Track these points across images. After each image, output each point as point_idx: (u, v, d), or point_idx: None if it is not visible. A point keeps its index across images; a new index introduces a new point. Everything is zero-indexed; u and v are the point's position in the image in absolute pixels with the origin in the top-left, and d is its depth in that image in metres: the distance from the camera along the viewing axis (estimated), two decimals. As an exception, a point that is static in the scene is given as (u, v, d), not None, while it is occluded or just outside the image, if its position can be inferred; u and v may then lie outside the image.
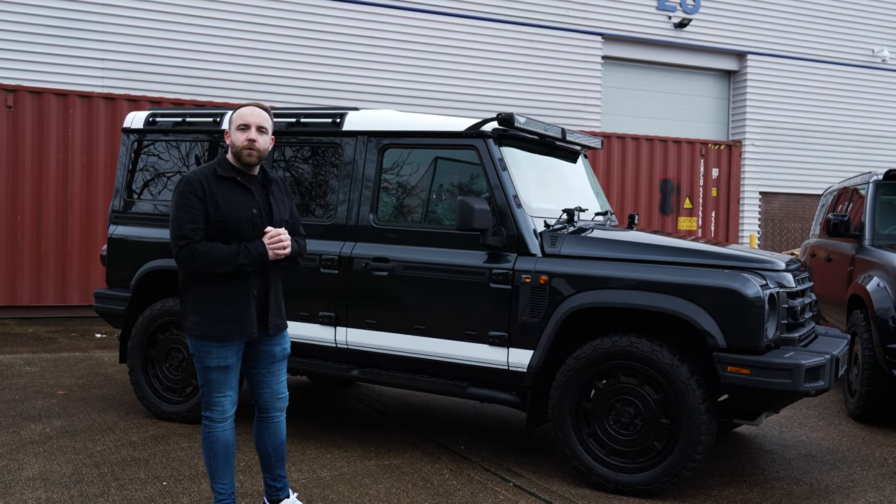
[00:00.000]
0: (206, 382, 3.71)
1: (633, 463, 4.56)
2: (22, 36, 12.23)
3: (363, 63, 14.35)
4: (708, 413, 4.39)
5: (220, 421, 3.74)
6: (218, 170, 3.70)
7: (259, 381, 3.86)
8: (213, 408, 3.73)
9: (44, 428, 5.61)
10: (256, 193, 3.75)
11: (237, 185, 3.70)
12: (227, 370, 3.69)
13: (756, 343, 4.32)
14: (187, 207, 3.60)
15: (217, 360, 3.67)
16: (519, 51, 15.64)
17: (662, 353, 4.44)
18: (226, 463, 3.77)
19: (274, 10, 13.75)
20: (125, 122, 6.37)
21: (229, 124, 3.74)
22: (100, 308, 6.30)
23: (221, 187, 3.66)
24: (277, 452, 3.93)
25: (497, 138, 5.10)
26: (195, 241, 3.59)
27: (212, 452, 3.75)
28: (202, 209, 3.60)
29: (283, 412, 3.93)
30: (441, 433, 5.79)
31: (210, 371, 3.68)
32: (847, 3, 18.72)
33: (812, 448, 5.73)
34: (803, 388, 4.27)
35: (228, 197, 3.66)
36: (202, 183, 3.63)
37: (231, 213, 3.64)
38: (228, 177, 3.69)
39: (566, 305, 4.68)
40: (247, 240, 3.64)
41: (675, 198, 14.90)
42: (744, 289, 4.32)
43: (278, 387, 3.89)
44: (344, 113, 5.57)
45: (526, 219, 4.93)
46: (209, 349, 3.65)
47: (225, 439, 3.76)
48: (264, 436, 3.91)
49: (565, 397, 4.69)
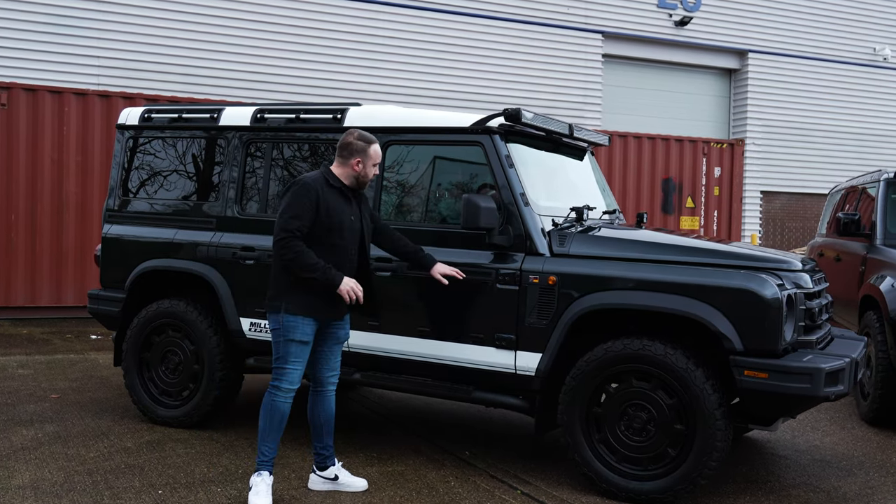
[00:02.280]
0: (284, 354, 4.27)
1: (645, 470, 4.40)
2: (16, 33, 12.06)
3: (362, 61, 14.20)
4: (724, 419, 4.23)
5: (286, 391, 4.29)
6: (329, 179, 4.32)
7: (320, 359, 4.47)
8: (284, 378, 4.28)
9: (36, 433, 5.44)
10: (354, 203, 4.44)
11: (341, 194, 4.35)
12: (307, 345, 4.30)
13: (774, 346, 4.16)
14: (299, 205, 4.18)
15: (301, 335, 4.25)
16: (519, 49, 15.49)
17: (676, 356, 4.28)
18: (278, 430, 4.32)
19: (272, 8, 13.59)
20: (120, 119, 6.20)
21: (365, 157, 4.35)
22: (94, 309, 6.13)
23: (331, 194, 4.29)
24: (328, 423, 4.51)
25: (503, 134, 4.94)
26: (296, 238, 4.16)
27: (271, 418, 4.30)
28: (313, 210, 4.19)
29: (334, 386, 4.54)
30: (445, 438, 5.64)
31: (291, 344, 4.25)
32: (848, 2, 18.60)
33: (826, 453, 5.58)
34: (823, 392, 4.11)
35: (336, 203, 4.29)
36: (317, 188, 4.24)
37: (337, 217, 4.27)
38: (336, 186, 4.33)
39: (576, 307, 4.52)
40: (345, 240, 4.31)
41: (677, 197, 14.75)
42: (761, 290, 4.16)
43: (335, 363, 4.52)
44: (345, 109, 5.41)
45: (534, 217, 4.77)
46: (297, 324, 4.23)
47: (284, 410, 4.31)
48: (318, 408, 4.50)
49: (575, 402, 4.53)
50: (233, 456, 5.07)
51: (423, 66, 14.69)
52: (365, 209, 4.53)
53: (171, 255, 5.75)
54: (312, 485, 4.53)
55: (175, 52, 12.95)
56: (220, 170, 5.75)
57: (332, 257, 4.25)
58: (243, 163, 5.66)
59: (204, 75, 13.11)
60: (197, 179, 5.86)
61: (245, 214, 5.60)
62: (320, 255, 4.22)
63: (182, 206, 5.85)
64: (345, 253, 4.33)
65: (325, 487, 4.50)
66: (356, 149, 4.34)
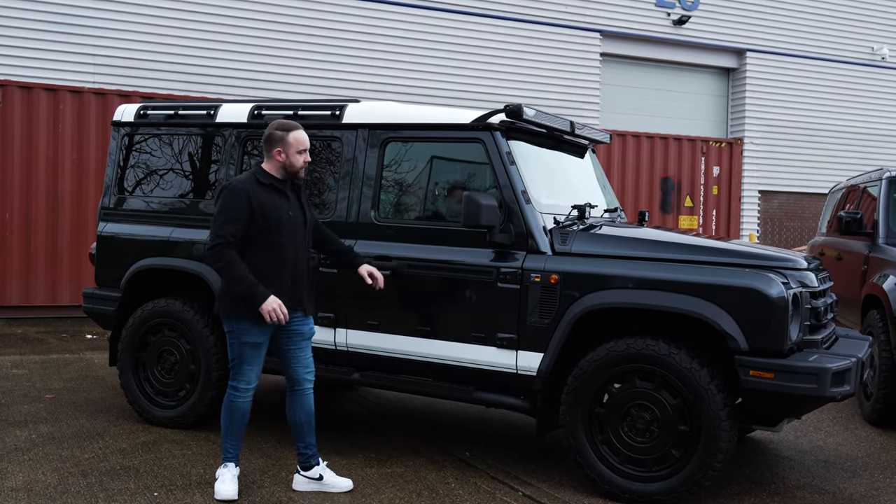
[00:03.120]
0: (238, 356, 4.28)
1: (649, 471, 4.34)
2: (11, 30, 11.95)
3: (359, 59, 14.12)
4: (728, 419, 4.17)
5: (244, 391, 4.31)
6: (259, 178, 4.27)
7: (291, 357, 4.41)
8: (241, 378, 4.29)
9: (29, 434, 5.36)
10: (292, 197, 4.37)
11: (275, 190, 4.28)
12: (260, 347, 4.29)
13: (780, 346, 4.10)
14: (230, 210, 4.15)
15: (252, 338, 4.24)
16: (517, 47, 15.42)
17: (680, 356, 4.22)
18: (239, 428, 4.37)
19: (271, 6, 13.50)
20: (115, 116, 6.13)
21: (285, 146, 4.27)
22: (89, 308, 6.06)
23: (263, 193, 4.23)
24: (309, 422, 4.45)
25: (504, 131, 4.87)
26: (227, 245, 4.13)
27: (232, 418, 4.34)
28: (246, 212, 4.15)
29: (311, 384, 4.46)
30: (445, 439, 5.57)
31: (245, 346, 4.25)
32: (846, 1, 18.55)
33: (830, 454, 5.52)
34: (829, 393, 4.05)
35: (269, 201, 4.22)
36: (247, 189, 4.19)
37: (273, 214, 4.21)
38: (268, 183, 4.26)
39: (578, 306, 4.46)
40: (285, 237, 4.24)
41: (675, 196, 14.69)
42: (767, 288, 4.10)
43: (307, 361, 4.45)
44: (343, 105, 5.34)
45: (535, 215, 4.70)
46: (246, 328, 4.22)
47: (244, 408, 4.35)
48: (296, 407, 4.43)
49: (577, 402, 4.46)
50: (230, 457, 5.00)
51: (420, 64, 14.61)
52: (305, 201, 4.48)
53: (167, 254, 5.68)
54: (297, 485, 4.49)
55: (172, 50, 12.85)
56: (217, 167, 5.67)
57: (274, 256, 4.24)
58: (240, 160, 5.59)
59: (201, 73, 13.01)
60: (193, 177, 5.79)
61: (242, 212, 5.51)
62: (259, 256, 4.20)
63: (178, 203, 5.77)
64: (287, 250, 4.28)
65: (310, 488, 4.46)
66: (275, 139, 4.30)
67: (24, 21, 12.00)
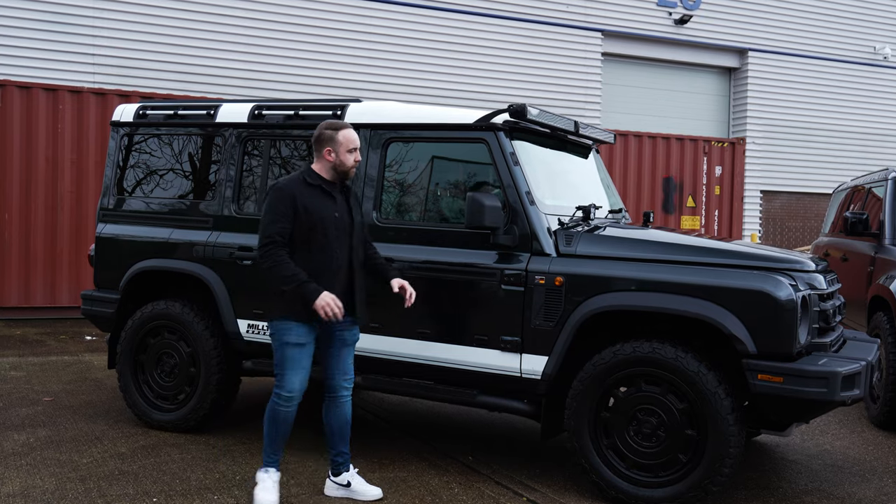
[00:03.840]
0: (280, 359, 4.17)
1: (655, 477, 4.27)
2: (10, 29, 11.90)
3: (360, 59, 14.06)
4: (737, 424, 4.10)
5: (286, 399, 4.17)
6: (307, 178, 4.20)
7: (330, 363, 4.34)
8: (282, 384, 4.16)
9: (27, 438, 5.30)
10: (340, 199, 4.28)
11: (322, 191, 4.20)
12: (302, 348, 4.16)
13: (789, 349, 4.04)
14: (276, 210, 4.09)
15: (294, 338, 4.12)
16: (518, 47, 15.36)
17: (687, 359, 4.15)
18: (282, 437, 4.24)
19: (270, 5, 13.44)
20: (114, 116, 6.06)
21: (335, 144, 4.18)
22: (87, 310, 5.99)
23: (310, 193, 4.16)
24: (342, 430, 4.38)
25: (508, 131, 4.81)
26: (276, 245, 4.07)
27: (275, 426, 4.20)
28: (291, 212, 4.09)
29: (349, 392, 4.39)
30: (448, 443, 5.50)
31: (286, 347, 4.14)
32: (848, 0, 18.49)
33: (838, 458, 5.46)
34: (839, 397, 3.99)
35: (315, 201, 4.14)
36: (292, 189, 4.13)
37: (317, 214, 4.12)
38: (315, 184, 4.19)
39: (584, 308, 4.39)
40: (330, 238, 4.15)
41: (677, 196, 14.62)
42: (776, 291, 4.03)
43: (346, 367, 4.37)
44: (345, 105, 5.28)
45: (539, 216, 4.63)
46: (288, 326, 4.12)
47: (288, 418, 4.21)
48: (331, 414, 4.37)
49: (582, 406, 4.40)
50: (230, 461, 4.94)
51: (420, 63, 14.55)
52: (354, 204, 4.38)
53: (167, 256, 5.62)
54: (328, 490, 4.44)
55: (172, 50, 12.79)
56: (217, 168, 5.61)
57: (320, 258, 4.15)
58: (240, 161, 5.52)
59: (202, 73, 12.96)
60: (193, 178, 5.73)
61: (242, 213, 5.46)
62: (306, 258, 4.12)
63: (178, 205, 5.71)
64: (331, 251, 4.18)
65: (339, 494, 4.40)
66: (325, 138, 4.22)
67: (23, 21, 11.95)
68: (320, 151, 4.24)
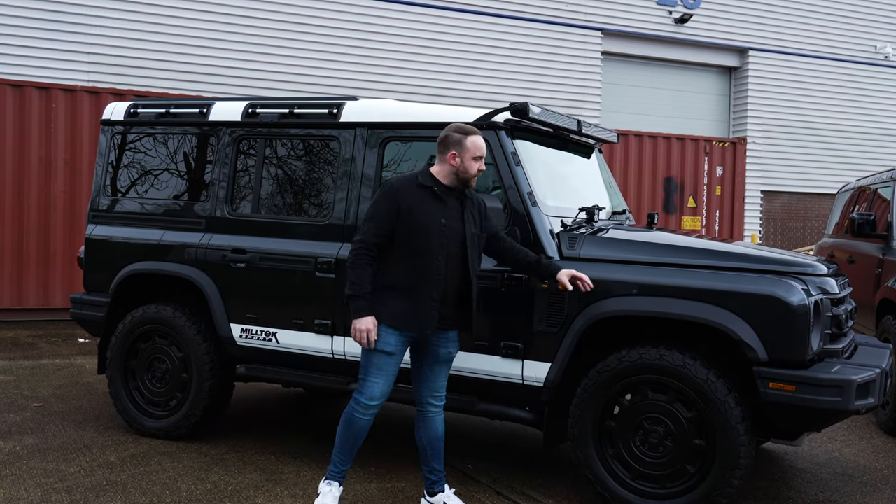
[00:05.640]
0: (365, 364, 3.97)
1: (662, 488, 4.12)
2: (1, 27, 11.74)
3: (357, 57, 13.92)
4: (747, 433, 3.96)
5: (365, 406, 3.97)
6: (420, 178, 3.97)
7: (421, 377, 4.13)
8: (363, 390, 3.96)
9: (14, 446, 5.14)
10: (454, 205, 4.00)
11: (433, 194, 3.95)
12: (390, 357, 3.94)
13: (801, 356, 3.89)
14: (377, 208, 3.90)
15: (382, 345, 3.91)
16: (517, 46, 15.22)
17: (696, 366, 4.00)
18: (353, 446, 4.05)
19: (266, 3, 13.29)
20: (105, 114, 5.91)
21: (461, 149, 3.93)
22: (77, 314, 5.84)
23: (418, 194, 3.92)
24: (432, 446, 4.14)
25: (509, 130, 4.66)
26: (365, 245, 3.87)
27: (348, 433, 4.02)
28: (393, 212, 3.87)
29: (438, 405, 4.15)
30: (446, 451, 5.32)
31: (373, 354, 3.93)
32: (849, 0, 18.37)
33: (848, 466, 5.31)
34: (854, 406, 3.85)
35: (421, 204, 3.91)
36: (400, 188, 3.91)
37: (421, 218, 3.88)
38: (428, 185, 3.95)
39: (588, 313, 4.24)
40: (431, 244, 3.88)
41: (678, 196, 14.48)
42: (788, 296, 3.88)
43: (437, 385, 4.14)
44: (342, 103, 5.13)
45: (542, 218, 4.48)
46: (380, 333, 3.90)
47: (362, 427, 4.01)
48: (421, 428, 4.15)
49: (586, 415, 4.25)
50: (222, 471, 4.78)
51: (418, 62, 14.41)
52: (471, 213, 4.04)
53: (158, 258, 5.46)
54: None
55: (166, 48, 12.64)
56: (210, 168, 5.46)
57: (419, 265, 3.88)
58: (234, 160, 5.37)
59: (196, 71, 12.81)
60: (185, 178, 5.57)
61: (236, 215, 5.31)
62: (404, 261, 3.89)
63: (170, 205, 5.56)
64: (431, 259, 3.89)
65: None
66: (451, 141, 3.96)
67: (15, 18, 11.79)
68: (445, 154, 3.98)
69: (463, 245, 3.98)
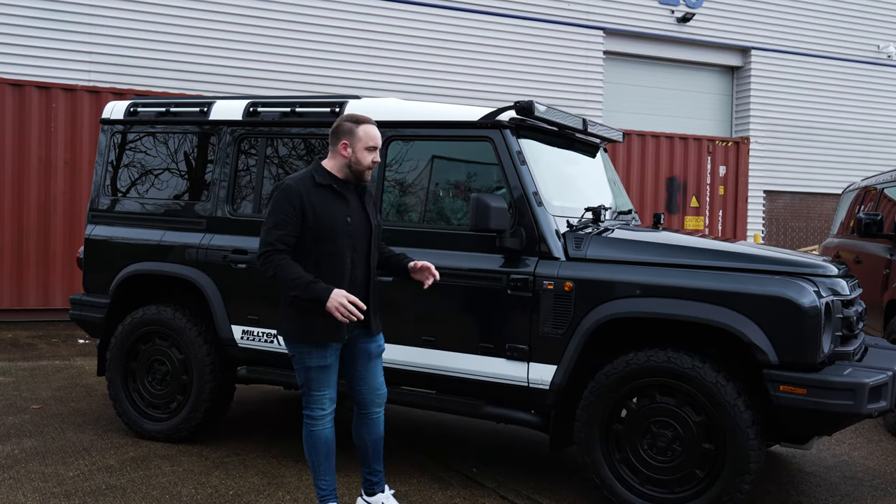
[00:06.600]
0: (306, 381, 3.81)
1: (671, 493, 4.05)
2: (1, 26, 11.68)
3: (358, 56, 13.86)
4: (757, 437, 3.89)
5: (320, 418, 3.82)
6: (316, 177, 3.77)
7: (358, 379, 3.95)
8: (313, 405, 3.82)
9: (12, 449, 5.07)
10: (354, 201, 3.84)
11: (333, 192, 3.77)
12: (327, 370, 3.79)
13: (812, 359, 3.82)
14: (280, 213, 3.68)
15: (316, 361, 3.76)
16: (519, 45, 15.16)
17: (705, 369, 3.94)
18: (327, 460, 3.87)
19: (267, 1, 13.22)
20: (104, 113, 5.85)
21: (353, 139, 3.76)
22: (76, 315, 5.77)
23: (318, 195, 3.73)
24: (375, 447, 4.02)
25: (514, 129, 4.59)
26: (277, 252, 3.66)
27: (314, 450, 3.85)
28: (298, 216, 3.67)
29: (381, 407, 4.01)
30: (451, 455, 5.28)
31: (311, 371, 3.78)
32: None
33: (857, 470, 5.24)
34: (866, 409, 3.78)
35: (324, 205, 3.73)
36: (300, 190, 3.70)
37: (327, 220, 3.71)
38: (326, 184, 3.76)
39: (595, 315, 4.17)
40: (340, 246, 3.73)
41: (681, 196, 14.41)
42: (799, 298, 3.82)
43: (376, 383, 3.97)
44: (344, 102, 5.06)
45: (547, 218, 4.42)
46: (307, 350, 3.75)
47: (325, 437, 3.85)
48: (363, 431, 4.00)
49: (593, 418, 4.18)
50: (223, 475, 4.72)
51: (419, 61, 14.34)
52: (371, 206, 3.92)
53: (158, 258, 5.40)
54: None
55: (167, 47, 12.58)
56: (211, 167, 5.39)
57: (327, 267, 3.71)
58: (235, 160, 5.31)
59: (197, 71, 12.74)
60: (186, 177, 5.51)
61: (237, 215, 5.24)
62: (313, 266, 3.69)
63: (170, 205, 5.49)
64: (341, 261, 3.73)
65: None
66: (343, 130, 3.78)
67: (15, 17, 11.73)
68: (336, 145, 3.80)
69: (368, 240, 3.87)
